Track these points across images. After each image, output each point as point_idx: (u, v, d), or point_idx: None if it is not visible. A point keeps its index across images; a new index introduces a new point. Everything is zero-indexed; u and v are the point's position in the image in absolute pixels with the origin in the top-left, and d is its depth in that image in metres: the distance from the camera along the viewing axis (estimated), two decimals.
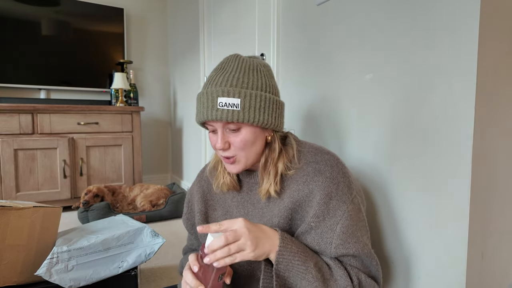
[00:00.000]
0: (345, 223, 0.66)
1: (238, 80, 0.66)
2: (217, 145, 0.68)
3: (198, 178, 0.88)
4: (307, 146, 0.75)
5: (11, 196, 2.17)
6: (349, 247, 0.66)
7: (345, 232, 0.66)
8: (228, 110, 0.64)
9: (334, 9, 1.05)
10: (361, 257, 0.68)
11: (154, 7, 3.06)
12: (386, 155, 0.89)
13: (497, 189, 0.77)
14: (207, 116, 0.66)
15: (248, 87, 0.66)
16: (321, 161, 0.70)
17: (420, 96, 0.79)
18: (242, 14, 1.72)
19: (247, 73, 0.68)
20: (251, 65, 0.69)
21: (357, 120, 0.98)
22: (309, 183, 0.69)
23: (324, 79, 1.11)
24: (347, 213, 0.67)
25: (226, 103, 0.64)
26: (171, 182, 3.10)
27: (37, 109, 2.22)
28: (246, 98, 0.65)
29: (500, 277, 0.82)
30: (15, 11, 2.44)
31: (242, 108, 0.65)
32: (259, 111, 0.66)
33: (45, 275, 1.00)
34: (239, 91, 0.65)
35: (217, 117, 0.65)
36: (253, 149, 0.69)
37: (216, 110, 0.65)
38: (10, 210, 0.99)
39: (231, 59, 0.70)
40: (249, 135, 0.67)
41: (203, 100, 0.67)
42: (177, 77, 2.95)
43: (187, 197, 0.89)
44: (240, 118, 0.65)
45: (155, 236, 1.20)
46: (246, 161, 0.70)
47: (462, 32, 0.69)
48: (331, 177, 0.68)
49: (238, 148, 0.68)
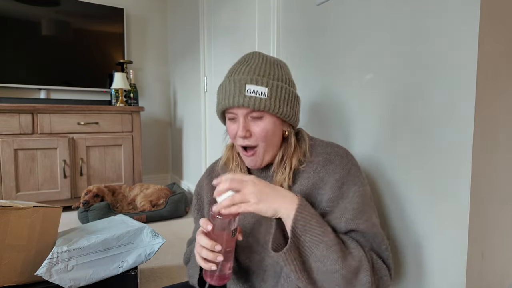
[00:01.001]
0: (356, 200, 0.66)
1: (265, 71, 0.68)
2: (239, 133, 0.68)
3: (208, 171, 0.88)
4: (318, 141, 0.76)
5: (11, 196, 2.17)
6: (359, 222, 0.66)
7: (355, 209, 0.66)
8: (256, 98, 0.65)
9: (334, 9, 1.05)
10: (370, 238, 0.67)
11: (154, 7, 3.06)
12: (386, 155, 0.89)
13: (497, 189, 0.77)
14: (233, 102, 0.67)
15: (274, 78, 0.68)
16: (331, 152, 0.72)
17: (420, 96, 0.79)
18: (242, 14, 1.72)
19: (272, 66, 0.70)
20: (274, 60, 0.72)
21: (356, 120, 0.98)
22: (319, 171, 0.70)
23: (324, 79, 1.11)
24: (358, 192, 0.67)
25: (254, 90, 0.65)
26: (171, 182, 3.10)
27: (37, 109, 2.22)
28: (273, 88, 0.67)
29: (500, 277, 0.82)
30: (15, 11, 2.44)
31: (269, 97, 0.66)
32: (283, 102, 0.68)
33: (45, 275, 1.01)
34: (267, 81, 0.66)
35: (244, 103, 0.65)
36: (272, 141, 0.70)
37: (243, 96, 0.66)
38: (10, 210, 0.99)
39: (252, 54, 0.72)
40: (270, 125, 0.68)
41: (229, 87, 0.67)
42: (177, 77, 2.95)
43: (196, 190, 0.89)
44: (266, 107, 0.66)
45: (155, 236, 1.20)
46: (264, 153, 0.71)
47: (462, 32, 0.69)
48: (341, 165, 0.69)
49: (259, 137, 0.69)
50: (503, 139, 0.76)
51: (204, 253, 0.63)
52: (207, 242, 0.62)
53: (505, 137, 0.77)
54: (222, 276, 0.65)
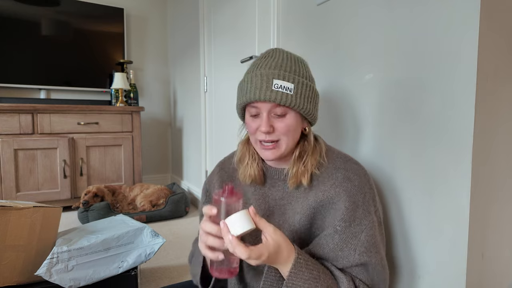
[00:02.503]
0: (370, 232, 0.68)
1: (291, 67, 0.68)
2: (262, 128, 0.67)
3: (218, 168, 0.87)
4: (336, 152, 0.77)
5: (11, 196, 2.17)
6: (372, 255, 0.67)
7: (369, 241, 0.67)
8: (282, 93, 0.65)
9: (334, 9, 1.05)
10: (374, 273, 0.68)
11: (154, 7, 3.06)
12: (386, 156, 0.89)
13: (497, 189, 0.77)
14: (259, 96, 0.66)
15: (300, 75, 0.68)
16: (350, 169, 0.72)
17: (420, 96, 0.79)
18: (242, 14, 1.72)
19: (296, 62, 0.70)
20: (297, 57, 0.72)
21: (356, 120, 0.98)
22: (336, 186, 0.69)
23: (324, 79, 1.11)
24: (371, 223, 0.68)
25: (282, 85, 0.65)
26: (171, 182, 3.10)
27: (37, 109, 2.22)
28: (299, 84, 0.67)
29: (500, 277, 0.82)
30: (15, 11, 2.44)
31: (295, 94, 0.66)
32: (307, 99, 0.68)
33: (45, 275, 1.01)
34: (293, 77, 0.67)
35: (271, 98, 0.65)
36: (294, 136, 0.70)
37: (270, 91, 0.65)
38: (10, 210, 0.99)
39: (276, 50, 0.72)
40: (293, 121, 0.69)
41: (256, 80, 0.67)
42: (177, 77, 2.95)
43: (204, 187, 0.88)
44: (292, 103, 0.66)
45: (155, 236, 1.20)
46: (286, 147, 0.70)
47: (462, 31, 0.69)
48: (359, 186, 0.69)
49: (282, 133, 0.68)
50: (503, 138, 0.76)
51: (210, 240, 0.60)
52: (212, 227, 0.60)
53: (505, 136, 0.77)
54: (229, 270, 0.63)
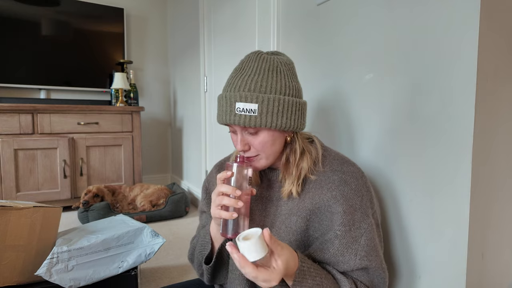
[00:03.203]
0: (369, 236, 0.68)
1: (256, 84, 0.66)
2: (237, 147, 0.70)
3: (217, 167, 0.89)
4: (333, 153, 0.76)
5: (11, 196, 2.17)
6: (372, 259, 0.67)
7: (369, 245, 0.68)
8: (245, 116, 0.65)
9: (334, 9, 1.05)
10: (374, 274, 0.69)
11: (154, 7, 3.06)
12: (386, 156, 0.89)
13: (497, 189, 0.77)
14: (225, 120, 0.68)
15: (266, 91, 0.66)
16: (347, 171, 0.72)
17: (420, 96, 0.79)
18: (242, 14, 1.72)
19: (265, 75, 0.67)
20: (271, 65, 0.68)
21: (357, 121, 0.98)
22: (333, 190, 0.69)
23: (324, 79, 1.11)
24: (370, 226, 0.69)
25: (244, 108, 0.65)
26: (171, 182, 3.10)
27: (37, 109, 2.22)
28: (263, 103, 0.65)
29: (500, 277, 0.82)
30: (15, 11, 2.44)
31: (260, 113, 0.65)
32: (276, 115, 0.66)
33: (45, 275, 1.01)
34: (257, 96, 0.65)
35: (235, 122, 0.66)
36: (272, 149, 0.70)
37: (234, 115, 0.66)
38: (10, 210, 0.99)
39: (251, 58, 0.69)
40: (267, 137, 0.68)
41: (223, 103, 0.68)
42: (177, 77, 2.95)
43: (204, 185, 0.89)
44: (257, 123, 0.65)
45: (155, 236, 1.20)
46: (267, 160, 0.71)
47: (462, 32, 0.69)
48: (356, 189, 0.69)
49: (258, 149, 0.69)
50: (503, 138, 0.76)
51: (225, 200, 0.63)
52: (227, 187, 0.63)
53: (505, 136, 0.77)
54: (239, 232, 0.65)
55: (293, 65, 0.73)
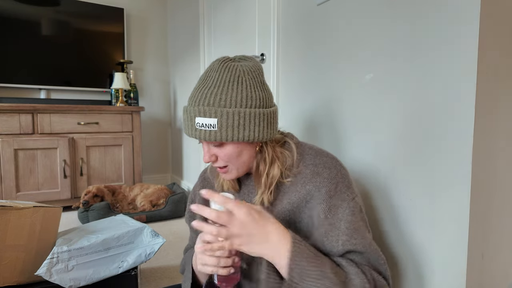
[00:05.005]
0: (348, 218, 0.66)
1: (216, 97, 0.64)
2: (204, 159, 0.70)
3: (201, 178, 0.89)
4: (306, 149, 0.74)
5: (11, 196, 2.17)
6: (356, 242, 0.65)
7: (349, 228, 0.65)
8: (205, 131, 0.65)
9: (335, 9, 1.05)
10: (368, 255, 0.67)
11: (154, 7, 3.06)
12: (387, 157, 0.89)
13: (497, 189, 0.77)
14: (189, 134, 0.68)
15: (226, 105, 0.64)
16: (319, 163, 0.70)
17: (420, 97, 0.79)
18: (242, 14, 1.72)
19: (225, 87, 0.65)
20: (232, 76, 0.66)
21: (357, 121, 0.98)
22: (306, 184, 0.69)
23: (324, 79, 1.11)
24: (348, 209, 0.66)
25: (204, 123, 0.64)
26: (171, 182, 3.10)
27: (37, 109, 2.22)
28: (222, 117, 0.64)
29: (500, 277, 0.82)
30: (15, 11, 2.44)
31: (219, 128, 0.64)
32: (237, 128, 0.65)
33: (45, 275, 1.01)
34: (215, 111, 0.64)
35: (196, 136, 0.66)
36: (240, 160, 0.69)
37: (194, 130, 0.66)
38: (10, 210, 0.99)
39: (215, 67, 0.67)
40: (232, 149, 0.68)
41: (185, 117, 0.68)
42: (177, 77, 2.95)
43: (190, 196, 0.89)
44: (217, 137, 0.64)
45: (155, 236, 1.20)
46: (237, 170, 0.71)
47: (462, 32, 0.69)
48: (329, 177, 0.68)
49: (225, 161, 0.69)
50: (503, 139, 0.76)
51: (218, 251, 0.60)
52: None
53: (505, 137, 0.77)
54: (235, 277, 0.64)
55: (259, 72, 0.69)
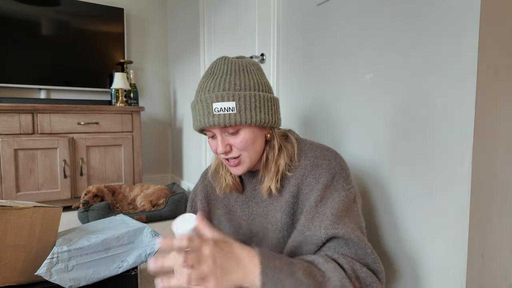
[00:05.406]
0: (335, 206, 0.65)
1: (230, 83, 0.66)
2: (219, 150, 0.68)
3: (202, 178, 0.89)
4: (307, 144, 0.75)
5: (11, 196, 2.17)
6: (338, 227, 0.63)
7: (334, 214, 0.64)
8: (224, 115, 0.65)
9: (335, 9, 1.05)
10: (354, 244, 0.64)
11: (154, 7, 3.06)
12: (387, 156, 0.89)
13: (497, 189, 0.77)
14: (204, 123, 0.67)
15: (241, 88, 0.66)
16: (319, 156, 0.71)
17: (420, 97, 0.79)
18: (242, 14, 1.72)
19: (238, 74, 0.68)
20: (240, 65, 0.69)
21: (357, 120, 0.98)
22: (306, 176, 0.70)
23: (324, 78, 1.11)
24: (338, 198, 0.67)
25: (222, 107, 0.65)
26: (171, 182, 3.10)
27: (37, 109, 2.22)
28: (240, 100, 0.65)
29: (500, 277, 0.82)
30: (15, 11, 2.44)
31: (238, 111, 0.65)
32: (255, 111, 0.66)
33: (45, 275, 1.01)
34: (233, 94, 0.65)
35: (215, 123, 0.65)
36: (254, 148, 0.70)
37: (212, 116, 0.65)
38: (10, 210, 0.99)
39: (219, 62, 0.70)
40: (248, 135, 0.68)
41: (198, 107, 0.67)
42: (177, 77, 2.95)
43: (191, 197, 0.89)
44: (237, 120, 0.65)
45: (155, 236, 1.20)
46: (250, 160, 0.71)
47: (462, 32, 0.69)
48: (327, 168, 0.69)
49: (240, 149, 0.69)
50: (503, 139, 0.76)
51: None
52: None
53: (505, 137, 0.77)
54: None
55: (259, 65, 0.74)
